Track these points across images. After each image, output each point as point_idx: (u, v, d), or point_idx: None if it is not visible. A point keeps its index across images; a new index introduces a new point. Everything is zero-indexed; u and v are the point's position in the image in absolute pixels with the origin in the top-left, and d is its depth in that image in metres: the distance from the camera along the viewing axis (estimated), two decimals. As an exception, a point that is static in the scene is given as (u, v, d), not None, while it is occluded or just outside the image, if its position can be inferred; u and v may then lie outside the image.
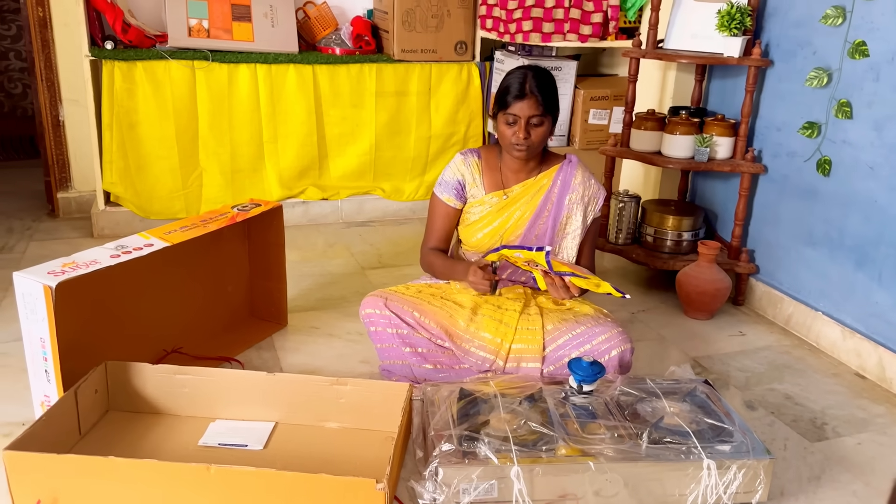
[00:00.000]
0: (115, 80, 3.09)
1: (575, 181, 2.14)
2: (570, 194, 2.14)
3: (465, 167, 2.18)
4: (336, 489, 1.50)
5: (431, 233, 2.24)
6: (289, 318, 2.51)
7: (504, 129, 2.05)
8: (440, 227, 2.22)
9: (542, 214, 2.15)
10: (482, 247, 2.19)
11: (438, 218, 2.22)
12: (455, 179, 2.18)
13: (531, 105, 1.99)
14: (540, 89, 2.00)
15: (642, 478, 1.60)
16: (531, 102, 1.99)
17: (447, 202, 2.19)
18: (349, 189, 3.60)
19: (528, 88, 1.99)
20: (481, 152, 2.21)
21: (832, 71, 2.40)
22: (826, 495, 1.74)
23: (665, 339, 2.53)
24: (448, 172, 2.20)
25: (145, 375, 1.92)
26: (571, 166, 2.16)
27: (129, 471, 1.54)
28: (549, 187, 2.14)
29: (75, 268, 1.81)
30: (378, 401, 1.88)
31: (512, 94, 2.00)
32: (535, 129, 2.03)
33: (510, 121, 2.02)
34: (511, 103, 2.00)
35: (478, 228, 2.17)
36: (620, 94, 3.36)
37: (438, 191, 2.20)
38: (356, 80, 3.43)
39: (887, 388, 2.25)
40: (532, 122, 2.01)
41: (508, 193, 2.15)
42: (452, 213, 2.20)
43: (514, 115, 2.01)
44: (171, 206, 3.30)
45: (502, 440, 1.61)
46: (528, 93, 1.99)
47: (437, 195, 2.21)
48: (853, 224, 2.38)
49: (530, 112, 2.00)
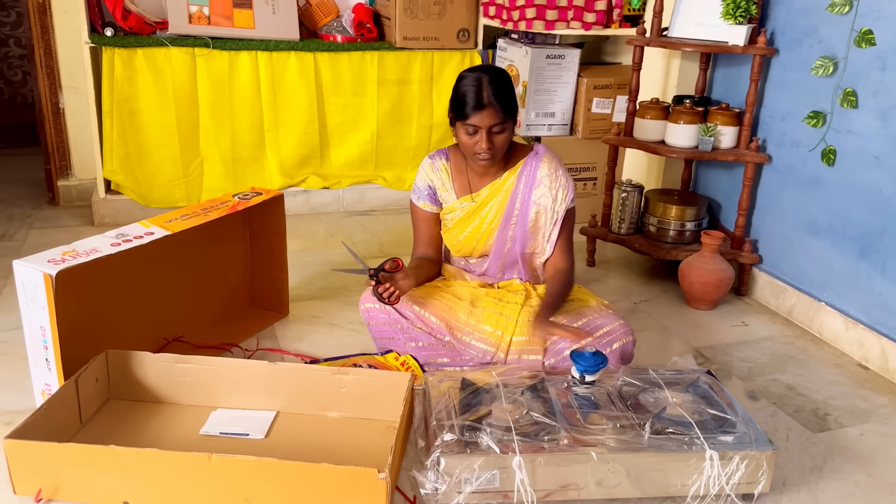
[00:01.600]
0: (115, 68, 3.08)
1: (540, 174, 2.08)
2: (537, 188, 2.08)
3: (433, 172, 2.14)
4: (338, 478, 1.50)
5: (416, 240, 2.23)
6: (290, 307, 2.50)
7: (465, 138, 1.98)
8: (424, 234, 2.20)
9: (511, 216, 2.10)
10: (465, 251, 2.18)
11: (420, 224, 2.20)
12: (426, 185, 2.15)
13: (491, 115, 1.92)
14: (498, 97, 1.92)
15: (644, 468, 1.59)
16: (491, 112, 1.92)
17: (424, 208, 2.17)
18: (350, 178, 3.58)
19: (486, 98, 1.91)
20: (450, 154, 2.15)
21: (838, 60, 2.38)
22: (828, 486, 1.74)
23: (667, 330, 2.52)
24: (419, 179, 2.16)
25: (146, 364, 1.92)
26: (537, 159, 2.09)
27: (130, 460, 1.54)
28: (514, 185, 2.09)
29: (75, 256, 1.80)
30: (379, 390, 1.87)
31: (470, 105, 1.92)
32: (497, 136, 1.97)
33: (470, 131, 1.96)
34: (470, 114, 1.93)
35: (455, 234, 2.16)
36: (624, 82, 3.34)
37: (414, 197, 2.18)
38: (358, 67, 3.41)
39: (890, 378, 2.24)
40: (494, 130, 1.95)
41: (476, 198, 2.11)
42: (432, 218, 2.18)
43: (474, 126, 1.94)
44: (171, 194, 3.29)
45: (504, 430, 1.61)
46: (487, 103, 1.91)
47: (414, 202, 2.18)
48: (857, 214, 2.37)
49: (491, 122, 1.93)
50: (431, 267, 2.22)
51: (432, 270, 2.23)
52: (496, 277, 2.21)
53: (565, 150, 3.40)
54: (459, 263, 2.26)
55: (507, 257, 2.15)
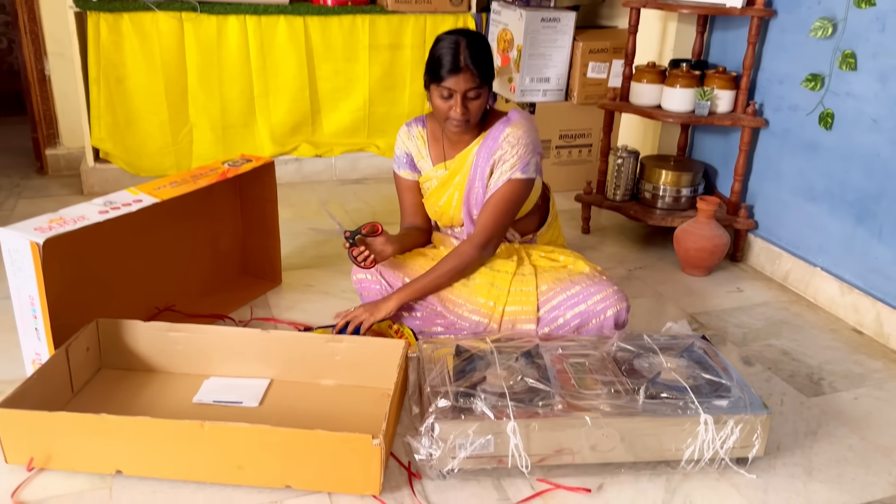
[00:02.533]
0: (100, 33, 3.01)
1: (501, 136, 1.99)
2: (496, 152, 1.99)
3: (409, 140, 2.13)
4: (332, 445, 1.49)
5: (402, 209, 2.22)
6: (283, 276, 2.48)
7: (439, 102, 1.94)
8: (409, 203, 2.20)
9: (474, 182, 2.04)
10: (445, 220, 2.16)
11: (404, 193, 2.20)
12: (403, 153, 2.14)
13: (467, 79, 1.88)
14: (474, 61, 1.88)
15: (639, 433, 1.59)
16: (467, 76, 1.87)
17: (405, 177, 2.16)
18: (343, 146, 3.54)
19: (462, 61, 1.87)
20: (427, 121, 2.12)
21: (837, 21, 2.34)
22: (822, 449, 1.74)
23: (662, 296, 2.51)
24: (396, 147, 2.16)
25: (137, 333, 1.90)
26: (506, 123, 2.00)
27: (122, 428, 1.52)
28: (476, 151, 2.03)
29: (63, 224, 1.77)
30: (374, 358, 1.86)
31: (446, 68, 1.87)
32: (471, 102, 1.92)
33: (445, 94, 1.91)
34: (445, 77, 1.88)
35: (433, 202, 2.15)
36: (620, 46, 3.29)
37: (395, 167, 2.18)
38: (349, 32, 3.35)
39: (884, 343, 2.24)
40: (469, 95, 1.91)
41: (449, 166, 2.08)
42: (415, 186, 2.17)
43: (448, 90, 1.90)
44: (161, 162, 3.25)
45: (498, 396, 1.60)
46: (464, 66, 1.87)
47: (396, 171, 2.18)
48: (855, 178, 2.35)
49: (466, 86, 1.89)
50: (420, 235, 2.21)
51: (421, 238, 2.21)
52: None
53: (560, 116, 3.36)
54: (447, 231, 2.24)
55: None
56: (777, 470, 1.66)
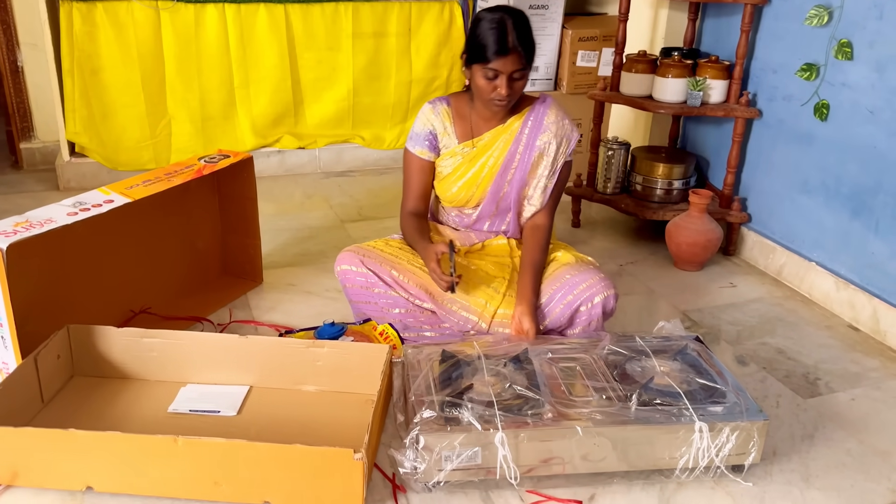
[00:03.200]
0: (73, 23, 2.91)
1: (547, 120, 2.02)
2: (543, 134, 2.02)
3: (434, 116, 2.05)
4: (312, 459, 1.42)
5: (409, 192, 2.11)
6: (264, 275, 2.41)
7: (482, 82, 1.89)
8: (417, 184, 2.09)
9: (513, 160, 2.03)
10: (459, 200, 2.09)
11: (414, 174, 2.09)
12: (426, 130, 2.05)
13: (514, 60, 1.85)
14: (522, 42, 1.85)
15: (631, 441, 1.53)
16: (514, 58, 1.84)
17: (420, 155, 2.07)
18: (327, 137, 3.45)
19: (510, 42, 1.83)
20: (451, 100, 2.08)
21: (833, 9, 2.27)
22: (820, 454, 1.69)
23: (654, 292, 2.46)
24: (418, 124, 2.07)
25: (111, 339, 1.82)
26: (545, 106, 2.04)
27: (92, 443, 1.45)
28: (519, 129, 2.02)
29: (29, 227, 1.70)
30: (357, 363, 1.79)
31: (493, 49, 1.84)
32: (516, 82, 1.90)
33: (490, 75, 1.87)
34: (492, 58, 1.84)
35: (452, 181, 2.06)
36: (610, 34, 3.21)
37: (410, 145, 2.08)
38: (331, 20, 3.25)
39: (881, 340, 2.20)
40: (514, 76, 1.88)
41: (478, 143, 2.03)
42: (428, 167, 2.08)
43: (494, 70, 1.86)
44: (139, 156, 3.15)
45: (486, 405, 1.54)
46: (512, 47, 1.83)
47: (410, 150, 2.08)
48: (850, 171, 2.29)
49: (513, 67, 1.85)
50: (424, 223, 2.12)
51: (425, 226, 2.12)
52: (485, 226, 2.13)
53: (549, 105, 3.28)
54: (448, 215, 2.16)
55: (502, 202, 2.08)
56: (774, 477, 1.61)
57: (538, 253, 2.00)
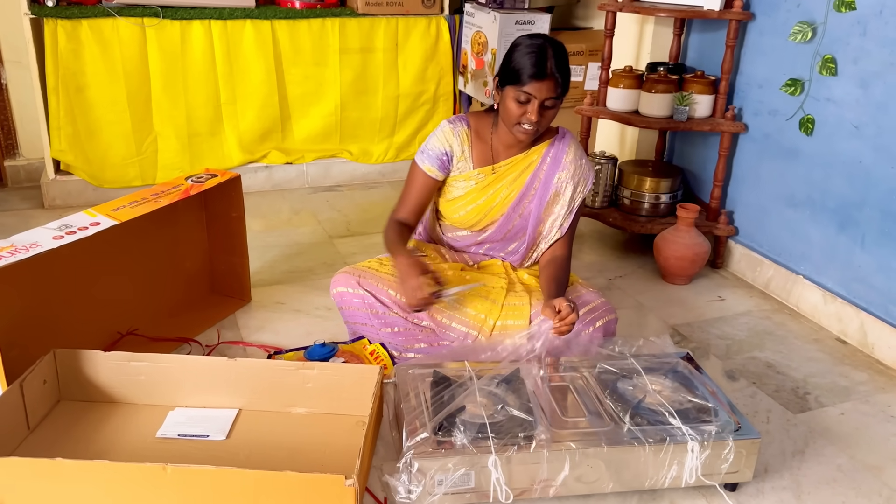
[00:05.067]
0: (58, 40, 2.88)
1: (566, 159, 1.97)
2: (560, 172, 1.97)
3: (454, 137, 1.97)
4: (303, 486, 1.41)
5: (405, 203, 2.03)
6: (252, 294, 2.39)
7: (512, 105, 1.83)
8: (415, 199, 2.02)
9: (528, 193, 1.99)
10: (463, 224, 2.05)
11: (416, 188, 2.01)
12: (442, 150, 1.97)
13: (550, 87, 1.80)
14: (559, 69, 1.80)
15: (624, 461, 1.53)
16: (551, 84, 1.79)
17: (428, 172, 1.99)
18: (315, 152, 3.44)
19: (549, 69, 1.78)
20: (471, 121, 2.00)
21: (817, 25, 2.30)
22: (811, 470, 1.70)
23: (643, 306, 2.46)
24: (435, 141, 1.98)
25: (97, 363, 1.80)
26: (564, 142, 1.99)
27: (78, 472, 1.43)
28: (538, 164, 1.98)
29: (14, 252, 1.68)
30: (348, 385, 1.78)
31: (530, 73, 1.78)
32: (548, 110, 1.85)
33: (522, 99, 1.81)
34: (528, 82, 1.79)
35: (461, 205, 2.02)
36: (596, 48, 3.23)
37: (420, 159, 1.99)
38: (318, 36, 3.25)
39: (869, 353, 2.21)
40: (546, 103, 1.82)
41: (497, 169, 1.98)
42: (432, 185, 2.01)
43: (528, 94, 1.80)
44: (125, 173, 3.13)
45: (479, 427, 1.53)
46: (550, 74, 1.78)
47: (419, 164, 1.99)
48: (836, 185, 2.31)
49: (548, 94, 1.80)
50: (408, 235, 2.06)
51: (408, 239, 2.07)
52: (483, 249, 2.11)
53: (536, 120, 3.29)
54: (448, 234, 2.14)
55: (511, 232, 2.05)
56: (766, 495, 1.61)
57: (564, 274, 1.96)
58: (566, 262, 2.00)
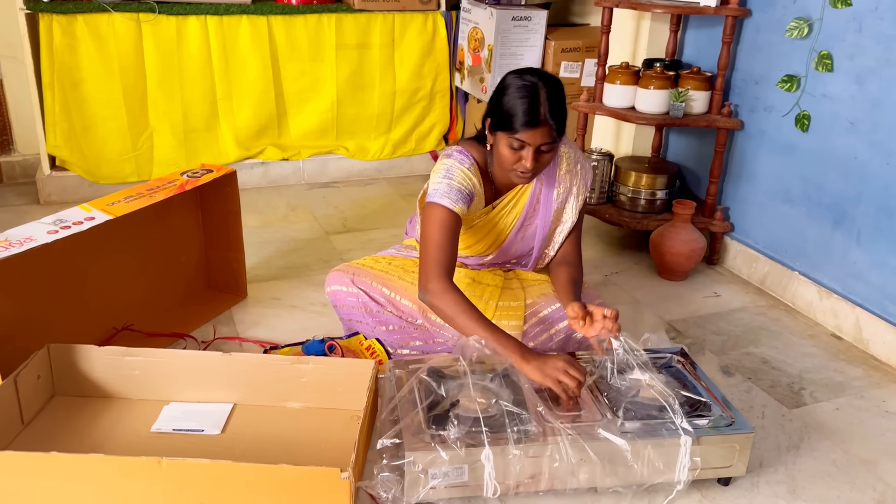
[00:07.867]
0: (53, 36, 2.88)
1: (560, 173, 1.91)
2: (557, 188, 1.92)
3: (472, 175, 1.83)
4: (298, 479, 1.41)
5: (444, 256, 1.75)
6: (248, 289, 2.39)
7: (506, 151, 1.73)
8: (452, 246, 1.77)
9: (528, 215, 1.94)
10: (476, 251, 2.00)
11: (450, 234, 1.76)
12: (469, 190, 1.81)
13: (544, 133, 1.69)
14: (553, 114, 1.68)
15: (618, 456, 1.53)
16: (545, 131, 1.68)
17: (460, 213, 1.78)
18: (311, 148, 3.44)
19: (542, 115, 1.67)
20: (473, 156, 1.85)
21: (813, 21, 2.30)
22: (805, 465, 1.70)
23: (639, 303, 2.46)
24: (461, 180, 1.80)
25: (92, 358, 1.80)
26: (555, 158, 1.91)
27: (73, 466, 1.43)
28: (531, 187, 1.91)
29: (8, 246, 1.67)
30: (342, 379, 1.78)
31: (522, 121, 1.67)
32: (544, 155, 1.74)
33: (515, 146, 1.71)
34: (520, 129, 1.68)
35: (469, 240, 1.96)
36: (593, 44, 3.23)
37: (449, 202, 1.77)
38: (314, 31, 3.24)
39: (864, 349, 2.21)
40: (541, 149, 1.72)
41: (497, 204, 1.93)
42: (461, 224, 1.84)
43: (521, 142, 1.70)
44: (120, 169, 3.12)
45: (472, 421, 1.53)
46: (543, 120, 1.67)
47: (449, 206, 1.76)
48: (832, 181, 2.31)
49: (542, 140, 1.70)
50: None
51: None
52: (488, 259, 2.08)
53: (533, 116, 3.29)
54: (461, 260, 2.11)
55: (512, 254, 2.03)
56: (760, 489, 1.62)
57: (576, 271, 1.94)
58: (578, 260, 1.99)
